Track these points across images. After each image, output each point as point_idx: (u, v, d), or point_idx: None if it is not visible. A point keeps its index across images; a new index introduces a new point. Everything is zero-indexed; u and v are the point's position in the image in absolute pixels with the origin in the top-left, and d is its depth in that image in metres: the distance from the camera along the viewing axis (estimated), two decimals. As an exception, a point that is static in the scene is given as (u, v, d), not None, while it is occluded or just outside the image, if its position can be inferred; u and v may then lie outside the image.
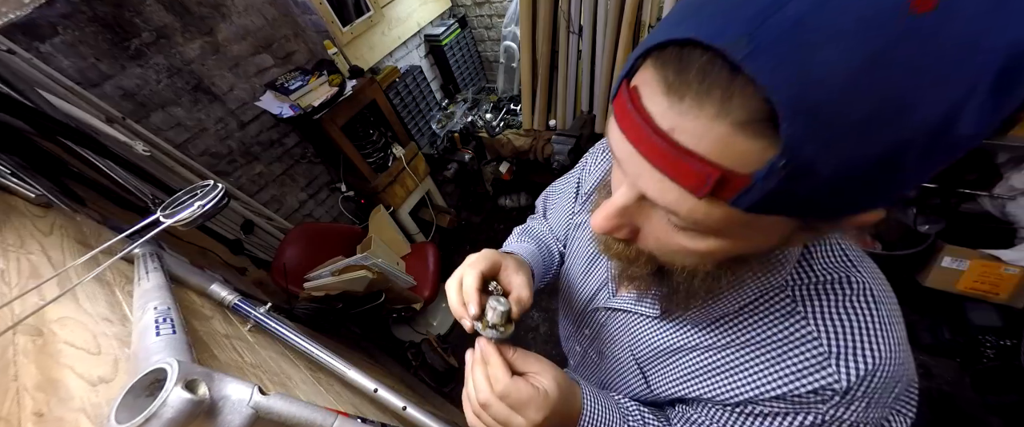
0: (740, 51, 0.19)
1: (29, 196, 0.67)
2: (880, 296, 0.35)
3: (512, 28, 2.23)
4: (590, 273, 0.55)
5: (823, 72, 0.18)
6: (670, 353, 0.45)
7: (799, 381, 0.35)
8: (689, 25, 0.21)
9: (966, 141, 0.19)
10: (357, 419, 0.51)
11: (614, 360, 0.53)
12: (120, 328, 0.50)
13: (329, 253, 1.69)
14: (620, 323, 0.51)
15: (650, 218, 0.31)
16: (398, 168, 2.07)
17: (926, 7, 0.17)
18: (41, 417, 0.33)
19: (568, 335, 0.68)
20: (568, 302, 0.61)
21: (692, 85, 0.21)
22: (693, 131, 0.22)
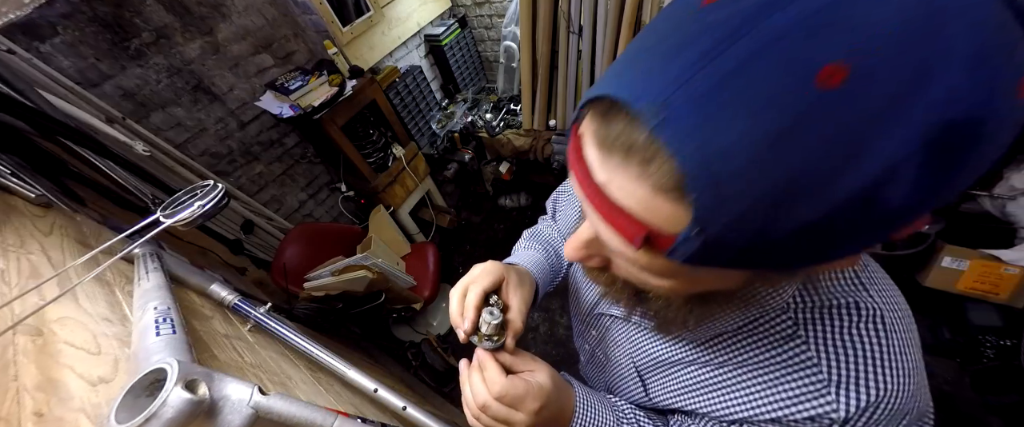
0: (653, 118, 0.19)
1: (29, 196, 0.67)
2: (892, 323, 0.33)
3: (512, 28, 2.23)
4: None
5: (728, 146, 0.18)
6: (668, 365, 0.45)
7: (796, 406, 0.34)
8: (619, 82, 0.21)
9: (905, 213, 0.19)
10: (357, 419, 0.51)
11: (617, 364, 0.54)
12: (120, 328, 0.50)
13: (329, 253, 1.69)
14: (622, 330, 0.52)
15: (619, 255, 0.30)
16: (398, 168, 2.07)
17: (833, 83, 0.16)
18: (41, 417, 0.33)
19: (577, 333, 0.69)
20: (576, 303, 0.62)
21: (618, 144, 0.22)
22: (622, 188, 0.22)
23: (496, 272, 0.46)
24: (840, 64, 0.16)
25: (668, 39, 0.20)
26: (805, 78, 0.16)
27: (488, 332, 0.42)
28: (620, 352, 0.52)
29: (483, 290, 0.44)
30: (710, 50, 0.18)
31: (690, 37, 0.19)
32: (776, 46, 0.17)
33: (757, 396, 0.37)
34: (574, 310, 0.65)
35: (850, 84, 0.16)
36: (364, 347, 1.60)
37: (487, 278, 0.45)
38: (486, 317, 0.42)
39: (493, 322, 0.41)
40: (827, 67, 0.16)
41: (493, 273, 0.46)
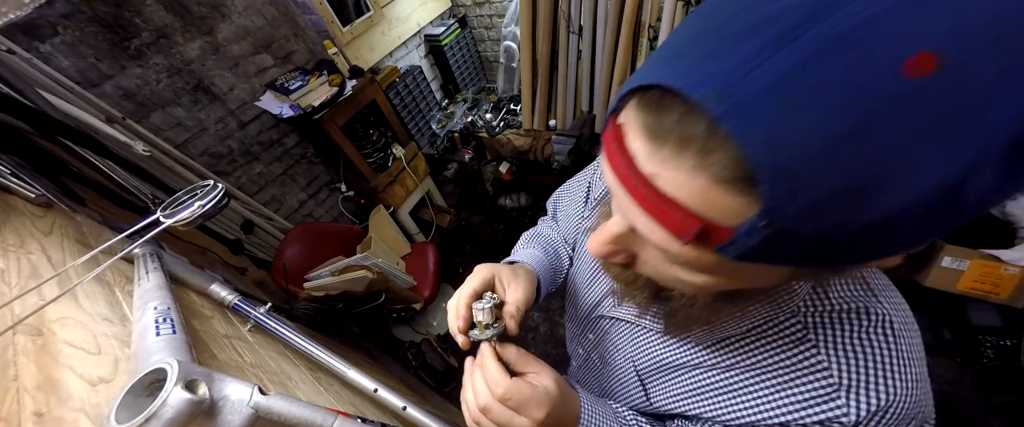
0: (717, 107, 0.18)
1: (29, 196, 0.67)
2: (900, 329, 0.34)
3: (512, 28, 2.23)
4: (596, 280, 0.55)
5: (804, 137, 0.17)
6: (672, 368, 0.44)
7: (805, 410, 0.34)
8: (671, 70, 0.20)
9: (979, 207, 0.18)
10: (357, 419, 0.51)
11: (616, 368, 0.53)
12: (120, 328, 0.50)
13: (329, 253, 1.69)
14: (623, 333, 0.51)
15: (645, 247, 0.29)
16: (398, 168, 2.07)
17: (923, 72, 0.16)
18: (41, 417, 0.33)
19: (572, 337, 0.68)
20: (574, 306, 0.61)
21: (671, 134, 0.20)
22: (674, 180, 0.21)
23: (483, 272, 0.45)
24: (929, 53, 0.15)
25: (732, 23, 0.19)
26: (891, 67, 0.16)
27: (484, 320, 0.40)
28: (620, 356, 0.51)
29: (472, 291, 0.43)
30: (785, 33, 0.17)
31: (760, 21, 0.18)
32: (858, 33, 0.16)
33: (765, 400, 0.37)
34: (571, 313, 0.64)
35: (942, 74, 0.16)
36: (364, 347, 1.60)
37: (474, 280, 0.44)
38: (477, 306, 0.41)
39: (486, 306, 0.40)
40: (916, 56, 0.16)
41: (480, 273, 0.45)
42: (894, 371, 0.32)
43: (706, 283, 0.27)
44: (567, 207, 0.66)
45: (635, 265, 0.32)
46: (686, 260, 0.25)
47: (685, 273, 0.27)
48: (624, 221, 0.28)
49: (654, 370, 0.47)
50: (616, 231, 0.29)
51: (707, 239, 0.22)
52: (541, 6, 1.82)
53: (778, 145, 0.17)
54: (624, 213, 0.27)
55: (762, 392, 0.37)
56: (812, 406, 0.34)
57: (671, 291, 0.33)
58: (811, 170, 0.17)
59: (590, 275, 0.56)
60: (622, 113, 0.25)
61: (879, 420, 0.32)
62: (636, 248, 0.31)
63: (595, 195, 0.57)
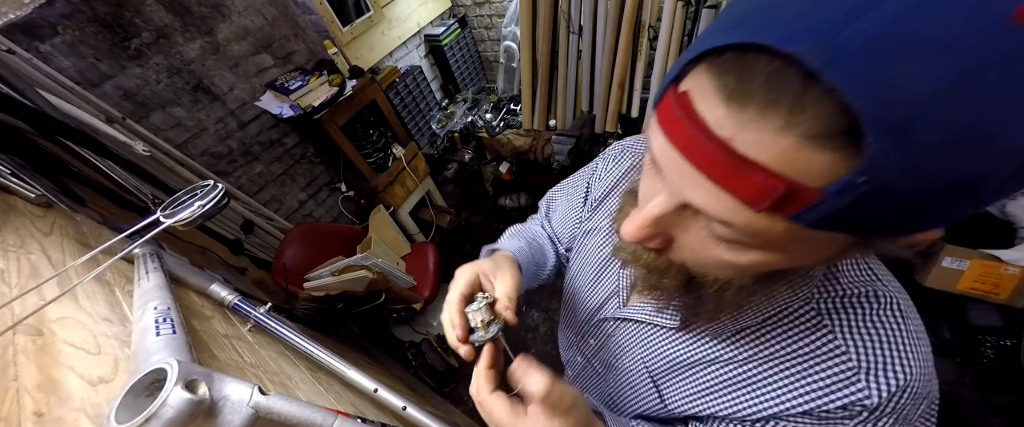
0: (817, 58, 0.17)
1: (29, 196, 0.67)
2: (907, 311, 0.34)
3: (512, 28, 2.23)
4: (600, 282, 0.53)
5: (912, 87, 0.16)
6: (687, 366, 0.43)
7: (828, 396, 0.34)
8: (754, 28, 0.20)
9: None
10: (357, 419, 0.51)
11: (624, 373, 0.51)
12: (120, 328, 0.50)
13: (329, 253, 1.69)
14: (631, 334, 0.49)
15: (687, 229, 0.29)
16: (398, 168, 2.07)
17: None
18: (41, 417, 0.33)
19: (569, 344, 0.66)
20: (572, 311, 0.60)
21: (756, 94, 0.20)
22: (756, 142, 0.20)
23: (465, 274, 0.43)
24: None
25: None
26: (1001, 14, 0.15)
27: (482, 319, 0.38)
28: (628, 358, 0.50)
29: (460, 295, 0.41)
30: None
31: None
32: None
33: (786, 389, 0.36)
34: (568, 319, 0.63)
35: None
36: (364, 347, 1.60)
37: (458, 284, 0.42)
38: (470, 309, 0.39)
39: (480, 306, 0.38)
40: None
41: (463, 276, 0.43)
42: (908, 351, 0.33)
43: (753, 261, 0.26)
44: (562, 206, 0.65)
45: (670, 251, 0.31)
46: (748, 233, 0.24)
47: (733, 252, 0.26)
48: (672, 200, 0.27)
49: (668, 370, 0.46)
50: (658, 212, 0.28)
51: (786, 204, 0.21)
52: (541, 6, 1.82)
53: (887, 96, 0.17)
54: (676, 190, 0.26)
55: (782, 382, 0.37)
56: (834, 391, 0.34)
57: (704, 277, 0.32)
58: (919, 121, 0.17)
59: (593, 277, 0.54)
60: (685, 81, 0.24)
61: (898, 400, 0.32)
62: (677, 230, 0.29)
63: (595, 196, 0.56)
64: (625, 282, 0.49)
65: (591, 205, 0.57)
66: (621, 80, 1.77)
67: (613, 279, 0.51)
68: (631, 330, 0.49)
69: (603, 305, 0.53)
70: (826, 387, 0.34)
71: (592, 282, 0.55)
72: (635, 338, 0.49)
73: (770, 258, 0.26)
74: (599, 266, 0.54)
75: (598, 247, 0.54)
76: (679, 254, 0.31)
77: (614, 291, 0.51)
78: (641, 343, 0.48)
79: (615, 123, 1.92)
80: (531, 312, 2.06)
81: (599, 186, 0.56)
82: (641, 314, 0.46)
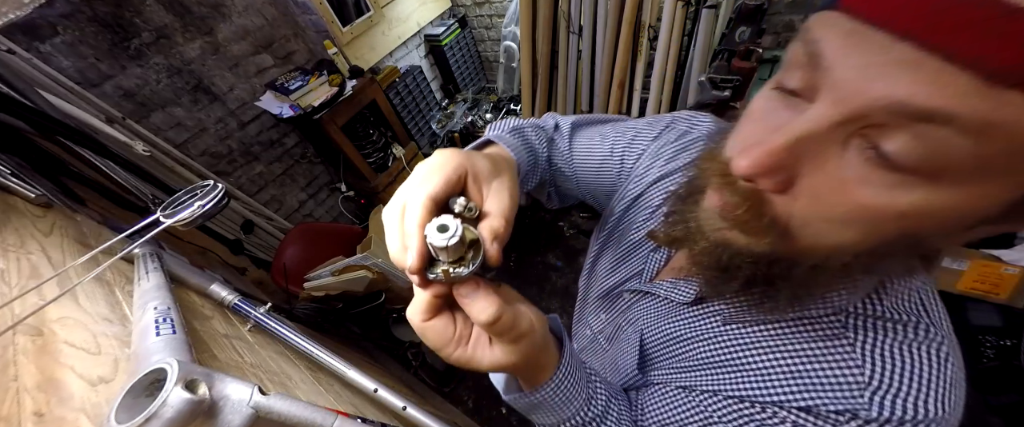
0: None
1: (29, 196, 0.67)
2: (947, 355, 0.31)
3: (512, 28, 2.23)
4: (627, 262, 0.51)
5: None
6: (682, 341, 0.42)
7: (828, 397, 0.32)
8: None
9: None
10: (357, 419, 0.51)
11: (622, 343, 0.49)
12: (120, 328, 0.50)
13: (329, 253, 1.69)
14: (643, 306, 0.47)
15: (824, 166, 0.23)
16: (398, 168, 2.07)
17: None
18: (41, 417, 0.33)
19: (579, 318, 0.63)
20: (588, 285, 0.57)
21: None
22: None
23: (450, 165, 0.29)
24: None
25: None
26: None
27: (450, 257, 0.26)
28: (631, 330, 0.47)
29: (429, 200, 0.27)
30: None
31: None
32: None
33: (786, 381, 0.34)
34: (585, 290, 0.59)
35: None
36: (364, 347, 1.60)
37: (435, 178, 0.28)
38: (432, 237, 0.25)
39: (445, 242, 0.25)
40: None
41: (444, 168, 0.29)
42: (930, 391, 0.29)
43: (912, 207, 0.21)
44: (592, 157, 0.53)
45: (785, 193, 0.25)
46: (982, 123, 0.18)
47: (887, 192, 0.21)
48: (836, 109, 0.21)
49: (661, 342, 0.43)
50: (806, 130, 0.22)
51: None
52: (541, 6, 1.82)
53: None
54: (854, 90, 0.20)
55: (782, 373, 0.34)
56: (836, 394, 0.32)
57: (806, 249, 0.27)
58: None
59: (622, 255, 0.51)
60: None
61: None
62: (808, 167, 0.24)
63: (634, 189, 0.49)
64: (655, 264, 0.46)
65: (632, 187, 0.51)
66: (621, 80, 1.77)
67: (640, 259, 0.49)
68: (644, 303, 0.46)
69: (623, 282, 0.50)
70: (829, 388, 0.32)
71: (619, 260, 0.52)
72: (646, 310, 0.46)
73: (936, 202, 0.21)
74: (630, 247, 0.50)
75: (631, 229, 0.50)
76: (793, 204, 0.25)
77: (639, 271, 0.48)
78: (646, 314, 0.46)
79: (615, 123, 1.92)
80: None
81: (641, 175, 0.49)
82: (660, 288, 0.44)
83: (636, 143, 0.51)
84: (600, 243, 0.57)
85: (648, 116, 0.55)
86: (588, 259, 0.60)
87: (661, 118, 0.52)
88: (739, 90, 1.34)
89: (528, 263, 2.16)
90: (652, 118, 0.53)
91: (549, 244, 2.20)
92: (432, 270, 0.27)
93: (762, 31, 1.45)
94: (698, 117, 0.50)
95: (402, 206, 0.29)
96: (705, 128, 0.48)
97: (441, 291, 0.29)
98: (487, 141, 0.47)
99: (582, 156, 0.54)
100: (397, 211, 0.29)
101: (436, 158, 0.30)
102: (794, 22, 1.67)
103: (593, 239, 0.61)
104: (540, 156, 0.53)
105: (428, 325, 0.30)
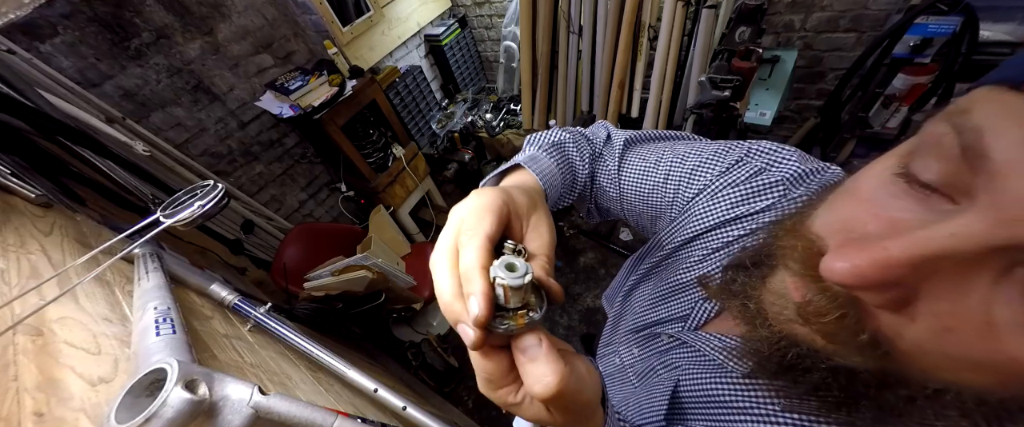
0: None
1: (29, 196, 0.67)
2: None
3: (512, 28, 2.23)
4: (670, 301, 0.45)
5: None
6: (727, 407, 0.35)
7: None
8: None
9: None
10: (357, 419, 0.51)
11: (652, 386, 0.44)
12: (120, 328, 0.49)
13: (329, 253, 1.69)
14: (683, 353, 0.41)
15: (964, 295, 0.17)
16: (398, 168, 2.07)
17: None
18: (41, 417, 0.33)
19: (607, 342, 0.57)
20: (621, 312, 0.52)
21: None
22: None
23: (496, 204, 0.27)
24: None
25: None
26: None
27: (518, 301, 0.24)
28: (668, 378, 0.41)
29: (488, 240, 0.25)
30: None
31: None
32: None
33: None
34: (617, 318, 0.53)
35: None
36: (364, 347, 1.60)
37: (486, 219, 0.26)
38: (504, 277, 0.23)
39: (520, 281, 0.23)
40: None
41: (492, 208, 0.26)
42: None
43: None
44: (650, 173, 0.47)
45: (903, 309, 0.19)
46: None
47: None
48: (992, 231, 0.16)
49: (699, 401, 0.38)
50: (957, 247, 0.17)
51: None
52: (541, 6, 1.82)
53: None
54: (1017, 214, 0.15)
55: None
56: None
57: (915, 374, 0.21)
58: None
59: (666, 295, 0.45)
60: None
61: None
62: (936, 289, 0.18)
63: (697, 227, 0.42)
64: (704, 313, 0.40)
65: (680, 205, 0.45)
66: (621, 80, 1.77)
67: (686, 303, 0.42)
68: (684, 351, 0.40)
69: (662, 322, 0.45)
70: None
71: (661, 299, 0.46)
72: (685, 358, 0.40)
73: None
74: (674, 287, 0.44)
75: (681, 268, 0.43)
76: (899, 328, 0.20)
77: (683, 315, 0.42)
78: (687, 364, 0.40)
79: (615, 123, 1.92)
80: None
81: (714, 208, 0.41)
82: (709, 346, 0.37)
83: (698, 175, 0.44)
84: (641, 273, 0.50)
85: (719, 142, 0.46)
86: (622, 282, 0.53)
87: (733, 148, 0.44)
88: (739, 90, 1.34)
89: (528, 263, 2.16)
90: (722, 145, 0.45)
91: (549, 244, 2.20)
92: (499, 323, 0.23)
93: (762, 31, 1.45)
94: (780, 152, 0.40)
95: (453, 248, 0.25)
96: (788, 169, 0.39)
97: (499, 343, 0.25)
98: (515, 166, 0.43)
99: (632, 178, 0.49)
100: (448, 255, 0.25)
101: (480, 198, 0.27)
102: (794, 22, 1.67)
103: (631, 263, 0.55)
104: (580, 174, 0.49)
105: (491, 362, 0.25)
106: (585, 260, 2.13)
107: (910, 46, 1.30)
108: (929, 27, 1.25)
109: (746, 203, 0.39)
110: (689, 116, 1.61)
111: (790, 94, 1.80)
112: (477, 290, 0.22)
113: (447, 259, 0.25)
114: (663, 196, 0.46)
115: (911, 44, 1.29)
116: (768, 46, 1.72)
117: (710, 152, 0.44)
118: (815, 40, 1.68)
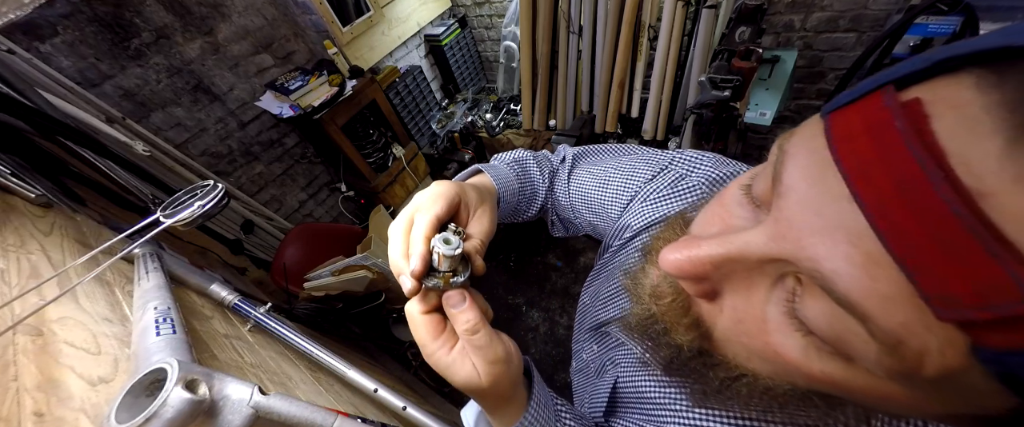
0: None
1: (29, 196, 0.67)
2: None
3: (512, 28, 2.23)
4: (615, 301, 0.49)
5: None
6: (655, 404, 0.40)
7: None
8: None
9: None
10: (357, 419, 0.51)
11: (600, 382, 0.49)
12: (120, 328, 0.49)
13: (329, 253, 1.69)
14: (622, 352, 0.46)
15: (751, 292, 0.21)
16: (398, 168, 2.07)
17: None
18: (41, 417, 0.33)
19: (576, 339, 0.63)
20: (584, 312, 0.56)
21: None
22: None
23: (449, 193, 0.35)
24: None
25: None
26: None
27: (448, 267, 0.31)
28: (611, 374, 0.46)
29: (436, 218, 0.32)
30: None
31: None
32: None
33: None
34: (582, 316, 0.59)
35: None
36: (364, 347, 1.60)
37: (439, 203, 0.33)
38: (441, 247, 0.30)
39: (451, 252, 0.30)
40: None
41: (446, 196, 0.34)
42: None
43: (825, 377, 0.19)
44: (595, 193, 0.53)
45: (711, 302, 0.24)
46: (894, 342, 0.15)
47: (802, 352, 0.19)
48: (771, 246, 0.19)
49: (634, 397, 0.42)
50: (734, 252, 0.20)
51: (1005, 329, 0.12)
52: (541, 6, 1.82)
53: None
54: (793, 237, 0.17)
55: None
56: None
57: (721, 358, 0.25)
58: None
59: (612, 295, 0.49)
60: (918, 87, 0.15)
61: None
62: (732, 288, 0.22)
63: (636, 223, 0.46)
64: (631, 322, 0.44)
65: (616, 215, 0.50)
66: (621, 80, 1.77)
67: (624, 302, 0.46)
68: (623, 349, 0.46)
69: (610, 321, 0.50)
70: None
71: (607, 298, 0.50)
72: (623, 356, 0.46)
73: (854, 384, 0.18)
74: (617, 288, 0.49)
75: (620, 270, 0.48)
76: (717, 318, 0.24)
77: (622, 317, 0.45)
78: (624, 361, 0.45)
79: (615, 123, 1.92)
80: (531, 312, 2.05)
81: (640, 212, 0.46)
82: (637, 344, 0.42)
83: (631, 183, 0.49)
84: (595, 274, 0.56)
85: (649, 151, 0.52)
86: (587, 284, 0.58)
87: (661, 157, 0.49)
88: (739, 90, 1.34)
89: (528, 263, 2.17)
90: (652, 155, 0.50)
91: (549, 244, 2.20)
92: (430, 279, 0.31)
93: (762, 31, 1.45)
94: (698, 159, 0.45)
95: (409, 221, 0.33)
96: (704, 174, 0.44)
97: (433, 305, 0.32)
98: (477, 170, 0.50)
99: (579, 191, 0.55)
100: (404, 225, 0.33)
101: (438, 187, 0.35)
102: (794, 22, 1.67)
103: (595, 264, 0.60)
104: (539, 187, 0.56)
105: (427, 317, 0.32)
106: (585, 260, 2.14)
107: (910, 46, 1.30)
108: (929, 27, 1.25)
109: (668, 206, 0.44)
110: (689, 116, 1.61)
111: (790, 94, 1.80)
112: (416, 252, 0.30)
113: (402, 228, 0.33)
114: (605, 205, 0.52)
115: (911, 44, 1.30)
116: (768, 46, 1.72)
117: (642, 162, 0.50)
118: (815, 40, 1.68)
